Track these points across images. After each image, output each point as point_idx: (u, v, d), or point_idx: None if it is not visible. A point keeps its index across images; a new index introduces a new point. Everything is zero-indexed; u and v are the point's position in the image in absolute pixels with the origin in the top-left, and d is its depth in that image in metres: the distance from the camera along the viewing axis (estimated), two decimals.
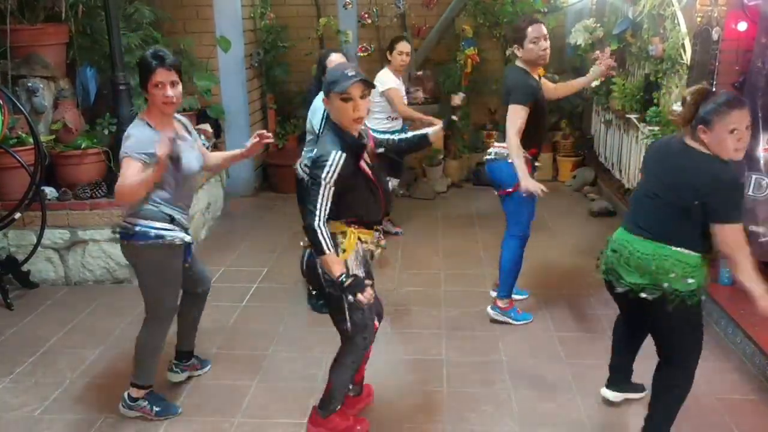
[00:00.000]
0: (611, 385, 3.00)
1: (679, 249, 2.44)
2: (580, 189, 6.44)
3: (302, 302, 4.05)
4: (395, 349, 3.53)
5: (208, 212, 5.44)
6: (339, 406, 2.76)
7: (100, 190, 4.29)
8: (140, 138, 2.63)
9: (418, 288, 4.28)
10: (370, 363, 2.95)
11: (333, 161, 2.38)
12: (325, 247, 2.41)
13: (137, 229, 2.71)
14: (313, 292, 3.86)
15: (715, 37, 3.86)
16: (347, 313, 2.58)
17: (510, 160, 3.40)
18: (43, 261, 4.35)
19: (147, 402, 2.92)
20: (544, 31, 3.51)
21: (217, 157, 3.16)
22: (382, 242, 2.70)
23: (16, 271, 4.25)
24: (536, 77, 3.59)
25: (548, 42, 3.52)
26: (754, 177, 3.77)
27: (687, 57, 4.24)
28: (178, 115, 2.90)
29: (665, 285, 2.44)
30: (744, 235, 2.37)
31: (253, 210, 6.05)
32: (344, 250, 2.52)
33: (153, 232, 2.72)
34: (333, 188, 2.40)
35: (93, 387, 3.20)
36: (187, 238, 2.84)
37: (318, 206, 2.40)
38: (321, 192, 2.39)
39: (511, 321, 3.78)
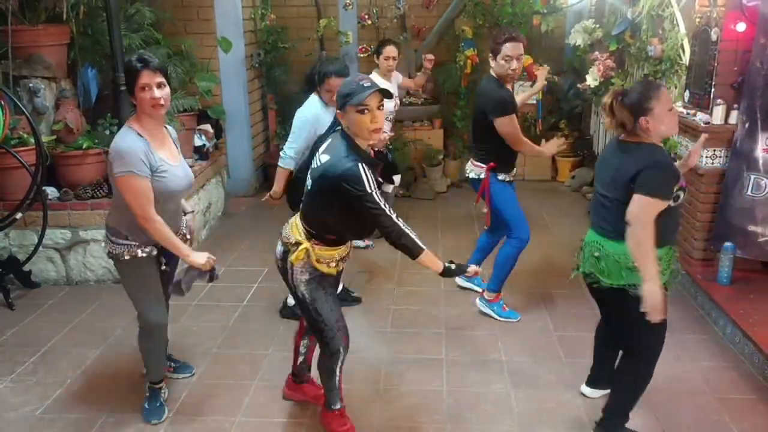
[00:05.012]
0: (590, 383, 3.11)
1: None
2: (579, 189, 6.45)
3: None
4: (395, 349, 3.54)
5: (208, 212, 5.46)
6: (339, 406, 2.77)
7: (101, 190, 4.29)
8: (133, 154, 2.57)
9: (418, 288, 4.29)
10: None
11: (364, 174, 2.32)
12: (420, 244, 2.45)
13: (111, 242, 2.76)
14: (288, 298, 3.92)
15: (713, 37, 3.88)
16: (311, 311, 2.57)
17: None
18: (44, 261, 4.36)
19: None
20: (520, 50, 3.56)
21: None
22: (343, 261, 2.67)
23: (17, 271, 4.26)
24: (509, 88, 3.70)
25: (520, 62, 3.58)
26: (753, 177, 3.78)
27: (686, 57, 4.26)
28: (168, 127, 2.87)
29: (622, 281, 2.52)
30: (653, 216, 2.36)
31: (253, 210, 6.06)
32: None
33: (120, 246, 2.75)
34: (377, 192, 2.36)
35: (94, 386, 3.20)
36: (149, 251, 2.78)
37: (386, 209, 2.37)
38: (375, 199, 2.34)
39: (494, 315, 3.84)
